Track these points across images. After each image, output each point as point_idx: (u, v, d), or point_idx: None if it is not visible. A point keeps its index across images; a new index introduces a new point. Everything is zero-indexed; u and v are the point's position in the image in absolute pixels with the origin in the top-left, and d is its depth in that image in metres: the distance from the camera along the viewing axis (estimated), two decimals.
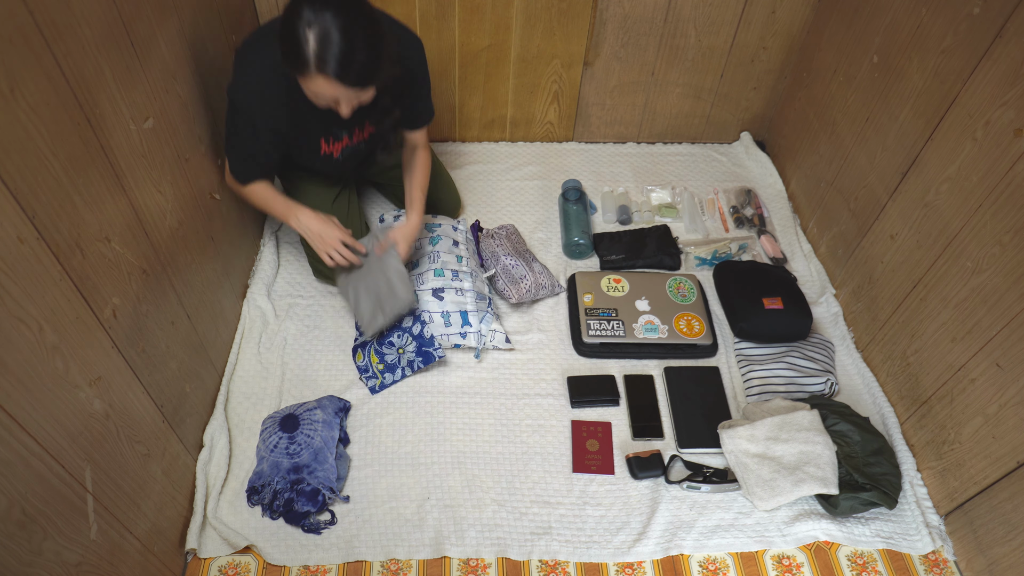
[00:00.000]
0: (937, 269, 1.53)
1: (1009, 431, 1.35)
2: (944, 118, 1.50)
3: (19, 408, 0.90)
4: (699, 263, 2.02)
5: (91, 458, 1.08)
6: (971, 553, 1.47)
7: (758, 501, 1.51)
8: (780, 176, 2.28)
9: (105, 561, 1.12)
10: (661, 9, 2.03)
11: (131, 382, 1.21)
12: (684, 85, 2.24)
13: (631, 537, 1.49)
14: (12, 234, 0.89)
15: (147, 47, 1.26)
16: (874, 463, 1.52)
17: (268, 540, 1.45)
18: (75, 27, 1.03)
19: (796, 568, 1.48)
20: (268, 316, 1.82)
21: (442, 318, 1.69)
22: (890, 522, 1.53)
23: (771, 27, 2.10)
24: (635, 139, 2.41)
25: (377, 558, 1.44)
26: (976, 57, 1.40)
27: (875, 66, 1.74)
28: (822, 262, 2.03)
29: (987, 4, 1.37)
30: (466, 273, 1.75)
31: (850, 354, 1.83)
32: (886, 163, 1.71)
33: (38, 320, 0.94)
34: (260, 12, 1.95)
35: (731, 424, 1.61)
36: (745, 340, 1.82)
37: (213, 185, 1.61)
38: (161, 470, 1.34)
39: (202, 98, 1.54)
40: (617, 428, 1.66)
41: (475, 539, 1.47)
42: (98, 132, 1.09)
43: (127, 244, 1.19)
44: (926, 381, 1.58)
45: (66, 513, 1.02)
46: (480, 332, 1.71)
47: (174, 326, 1.39)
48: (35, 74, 0.94)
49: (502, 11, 2.00)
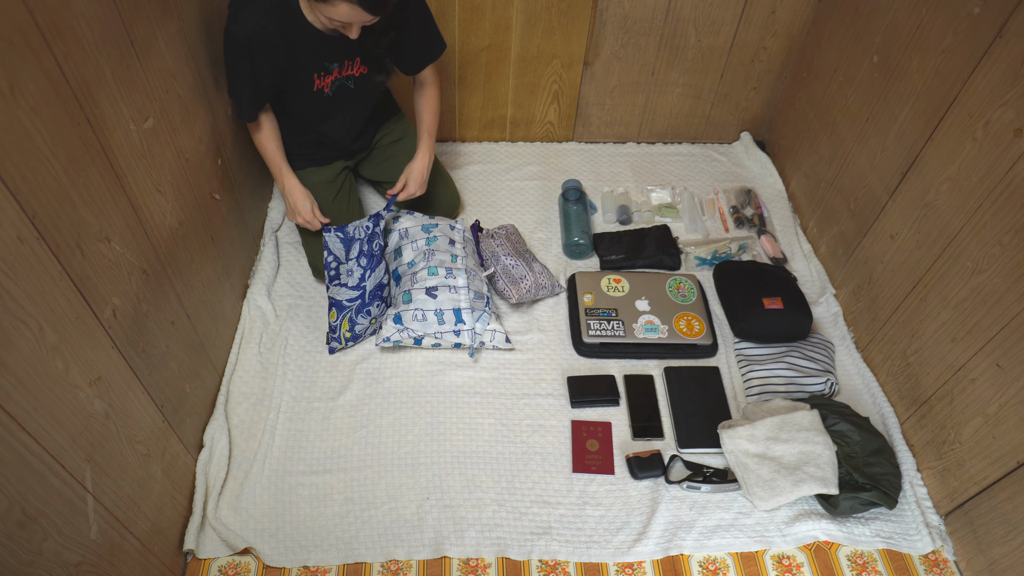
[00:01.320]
0: (937, 269, 1.53)
1: (1009, 431, 1.35)
2: (944, 118, 1.50)
3: (19, 408, 0.90)
4: (699, 263, 2.02)
5: (91, 458, 1.08)
6: (971, 553, 1.47)
7: (758, 501, 1.51)
8: (780, 176, 2.28)
9: (105, 561, 1.12)
10: (661, 9, 2.03)
11: (131, 382, 1.21)
12: (684, 85, 2.24)
13: (631, 537, 1.49)
14: (12, 234, 0.89)
15: (147, 47, 1.26)
16: (874, 463, 1.52)
17: (267, 541, 1.45)
18: (75, 27, 1.03)
19: (796, 568, 1.48)
20: (268, 316, 1.82)
21: (435, 316, 1.69)
22: (890, 522, 1.53)
23: (771, 27, 2.10)
24: (635, 139, 2.41)
25: (377, 558, 1.44)
26: (976, 57, 1.40)
27: (875, 66, 1.74)
28: (822, 262, 2.03)
29: (987, 4, 1.37)
30: (460, 271, 1.75)
31: (850, 354, 1.83)
32: (886, 163, 1.71)
33: (38, 320, 0.94)
34: None
35: (731, 424, 1.61)
36: (745, 340, 1.82)
37: (213, 185, 1.61)
38: (161, 470, 1.34)
39: (202, 98, 1.54)
40: (617, 428, 1.66)
41: (475, 539, 1.47)
42: (98, 132, 1.09)
43: (127, 244, 1.19)
44: (926, 381, 1.58)
45: (66, 513, 1.02)
46: (474, 330, 1.71)
47: (174, 326, 1.39)
48: (35, 74, 0.94)
49: (502, 11, 2.00)
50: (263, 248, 1.95)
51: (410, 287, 1.72)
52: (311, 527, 1.47)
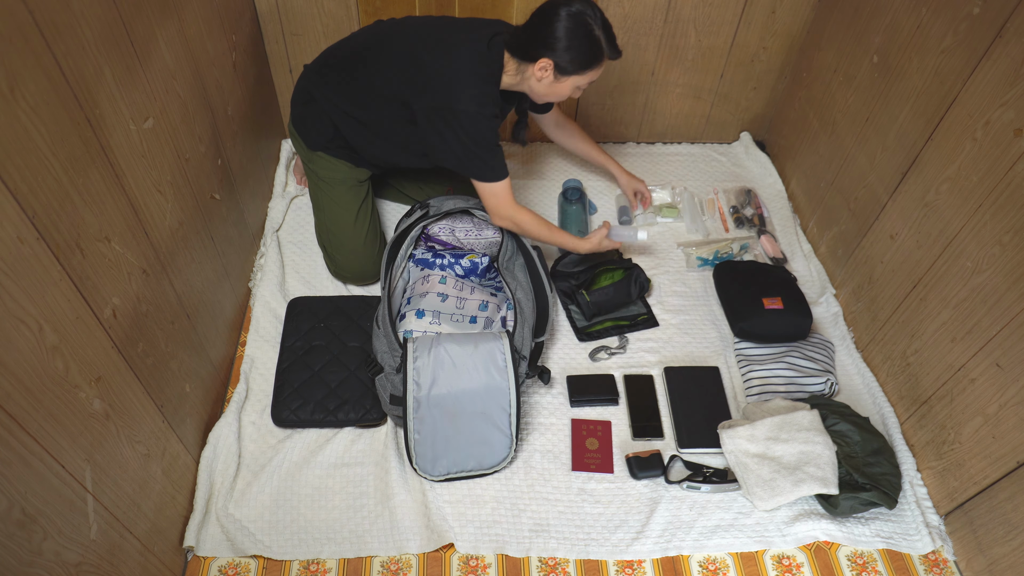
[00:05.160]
0: (937, 269, 1.53)
1: (1009, 431, 1.35)
2: (944, 118, 1.50)
3: (19, 408, 0.90)
4: (700, 263, 2.02)
5: (91, 458, 1.08)
6: (971, 553, 1.47)
7: (758, 501, 1.51)
8: (780, 176, 2.28)
9: (105, 561, 1.12)
10: (661, 9, 2.03)
11: (131, 382, 1.21)
12: (684, 85, 2.24)
13: (629, 535, 1.49)
14: (12, 234, 0.89)
15: (147, 47, 1.26)
16: (874, 463, 1.52)
17: (272, 535, 1.45)
18: (75, 27, 1.03)
19: (796, 568, 1.48)
20: (273, 315, 1.82)
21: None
22: (890, 522, 1.53)
23: (771, 27, 2.10)
24: (635, 139, 2.41)
25: (377, 555, 1.44)
26: (976, 57, 1.40)
27: (875, 66, 1.74)
28: (822, 262, 2.03)
29: (987, 4, 1.37)
30: (446, 316, 1.69)
31: (850, 354, 1.83)
32: (886, 163, 1.71)
33: (38, 320, 0.94)
34: (260, 12, 1.95)
35: (731, 424, 1.61)
36: (745, 340, 1.82)
37: (213, 185, 1.61)
38: (161, 470, 1.34)
39: (202, 98, 1.54)
40: (617, 427, 1.66)
41: (473, 535, 1.47)
42: (98, 132, 1.09)
43: (127, 244, 1.19)
44: (926, 381, 1.58)
45: (66, 513, 1.02)
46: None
47: (174, 326, 1.39)
48: (35, 74, 0.94)
49: (502, 11, 2.00)
50: (266, 248, 1.95)
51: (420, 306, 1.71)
52: (311, 521, 1.48)
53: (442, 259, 1.81)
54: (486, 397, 1.50)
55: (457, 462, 1.52)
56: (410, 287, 1.77)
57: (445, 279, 1.77)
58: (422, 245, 1.83)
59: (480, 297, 1.75)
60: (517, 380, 1.52)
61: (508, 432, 1.52)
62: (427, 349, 1.50)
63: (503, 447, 1.53)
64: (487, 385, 1.50)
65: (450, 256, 1.81)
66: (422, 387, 1.48)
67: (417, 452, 1.51)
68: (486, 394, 1.50)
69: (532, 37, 1.51)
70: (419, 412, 1.49)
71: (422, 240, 1.81)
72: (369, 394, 1.63)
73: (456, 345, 1.51)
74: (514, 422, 1.52)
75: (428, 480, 1.53)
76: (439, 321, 1.66)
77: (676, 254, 2.06)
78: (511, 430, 1.52)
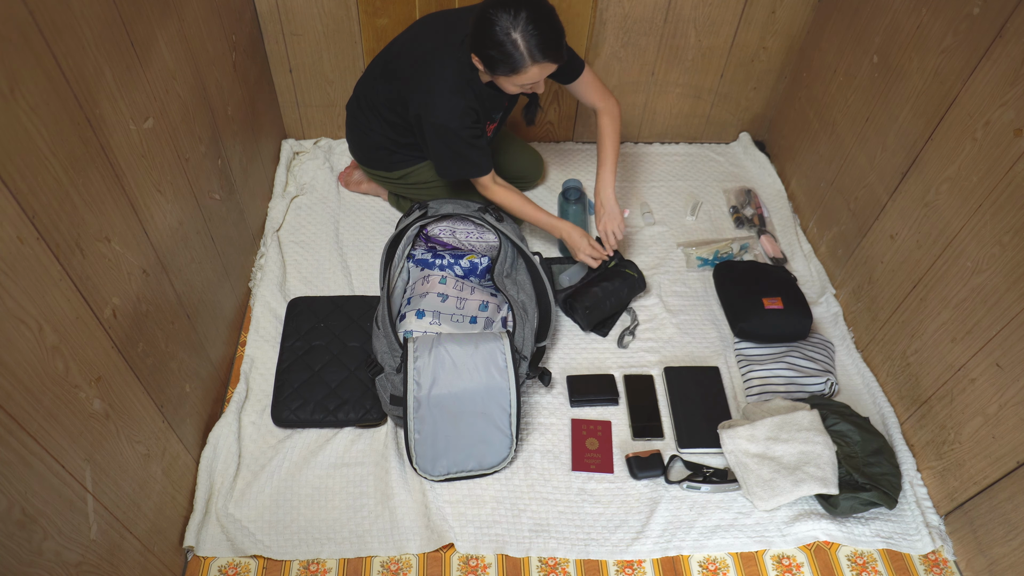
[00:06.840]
0: (937, 269, 1.53)
1: (1009, 431, 1.35)
2: (944, 118, 1.50)
3: (19, 408, 0.90)
4: (701, 263, 2.02)
5: (91, 458, 1.08)
6: (971, 553, 1.47)
7: (758, 501, 1.51)
8: (780, 176, 2.28)
9: (105, 561, 1.12)
10: (661, 9, 2.03)
11: (131, 382, 1.21)
12: (684, 85, 2.24)
13: (629, 535, 1.49)
14: (12, 234, 0.89)
15: (147, 47, 1.26)
16: (874, 463, 1.52)
17: (272, 535, 1.45)
18: (75, 27, 1.03)
19: (796, 568, 1.48)
20: (273, 314, 1.82)
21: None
22: (890, 522, 1.53)
23: (771, 27, 2.10)
24: (635, 139, 2.41)
25: (377, 555, 1.44)
26: (976, 57, 1.40)
27: (875, 66, 1.74)
28: (822, 262, 2.03)
29: (987, 4, 1.37)
30: (446, 316, 1.69)
31: (850, 354, 1.83)
32: (886, 163, 1.71)
33: (38, 320, 0.94)
34: (260, 12, 1.95)
35: (731, 424, 1.61)
36: (745, 340, 1.82)
37: (213, 185, 1.61)
38: (161, 470, 1.34)
39: (202, 98, 1.54)
40: (617, 427, 1.66)
41: (473, 535, 1.47)
42: (98, 132, 1.09)
43: (127, 244, 1.19)
44: (926, 381, 1.58)
45: (66, 513, 1.02)
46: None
47: (174, 326, 1.39)
48: (35, 74, 0.94)
49: None
50: (266, 248, 1.95)
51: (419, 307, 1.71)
52: (311, 521, 1.48)
53: (442, 259, 1.81)
54: (486, 397, 1.50)
55: (457, 462, 1.52)
56: (410, 287, 1.77)
57: (445, 279, 1.77)
58: (422, 245, 1.83)
59: (480, 297, 1.75)
60: (517, 380, 1.52)
61: (508, 432, 1.52)
62: (427, 349, 1.50)
63: (503, 447, 1.54)
64: (487, 385, 1.50)
65: (450, 256, 1.81)
66: (422, 387, 1.48)
67: (417, 452, 1.51)
68: (486, 394, 1.50)
69: (471, 34, 1.54)
70: (419, 412, 1.49)
71: (422, 240, 1.81)
72: (369, 394, 1.63)
73: (456, 345, 1.51)
74: (514, 422, 1.52)
75: (428, 480, 1.54)
76: (439, 321, 1.66)
77: (676, 254, 2.06)
78: (511, 430, 1.52)
